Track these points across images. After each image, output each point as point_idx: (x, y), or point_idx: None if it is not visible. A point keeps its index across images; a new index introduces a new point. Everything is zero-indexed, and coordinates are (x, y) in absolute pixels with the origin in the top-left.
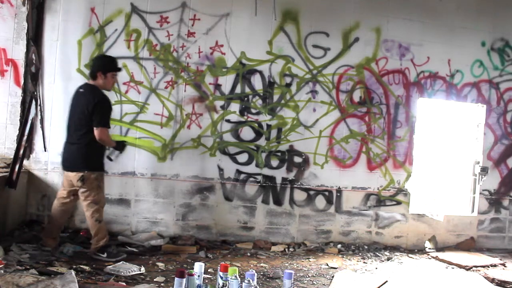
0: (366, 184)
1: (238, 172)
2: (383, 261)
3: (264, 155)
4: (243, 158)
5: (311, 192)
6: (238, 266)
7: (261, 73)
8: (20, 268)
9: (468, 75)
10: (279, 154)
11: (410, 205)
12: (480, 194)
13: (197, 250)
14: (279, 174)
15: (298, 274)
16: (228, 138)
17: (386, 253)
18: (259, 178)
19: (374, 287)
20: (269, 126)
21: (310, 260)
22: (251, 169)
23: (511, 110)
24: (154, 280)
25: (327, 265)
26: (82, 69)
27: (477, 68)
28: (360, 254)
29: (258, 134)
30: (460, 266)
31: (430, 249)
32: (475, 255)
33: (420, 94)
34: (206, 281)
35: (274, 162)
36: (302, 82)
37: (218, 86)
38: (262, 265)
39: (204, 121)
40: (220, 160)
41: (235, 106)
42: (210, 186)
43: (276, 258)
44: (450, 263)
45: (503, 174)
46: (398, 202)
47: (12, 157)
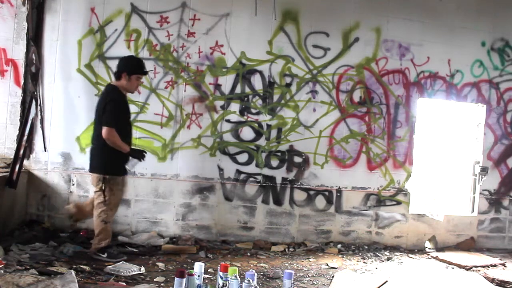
0: (366, 184)
1: (238, 172)
2: (383, 261)
3: (264, 155)
4: (243, 158)
5: (311, 192)
6: (238, 266)
7: (261, 73)
8: (20, 268)
9: (468, 75)
10: (279, 154)
11: (410, 205)
12: (480, 194)
13: (197, 250)
14: (279, 174)
15: (298, 274)
16: (228, 138)
17: (386, 253)
18: (259, 178)
19: (374, 287)
20: (269, 126)
21: (310, 260)
22: (251, 169)
23: (511, 110)
24: (154, 280)
25: (327, 265)
26: (82, 69)
27: (477, 68)
28: (360, 254)
29: (258, 134)
30: (460, 266)
31: (430, 249)
32: (475, 255)
33: (420, 94)
34: (206, 281)
35: (274, 162)
36: (302, 82)
37: (218, 86)
38: (262, 265)
39: (204, 121)
40: (220, 160)
41: (235, 106)
42: (210, 186)
43: (276, 258)
44: (450, 263)
45: (503, 174)
46: (398, 202)
47: (12, 157)
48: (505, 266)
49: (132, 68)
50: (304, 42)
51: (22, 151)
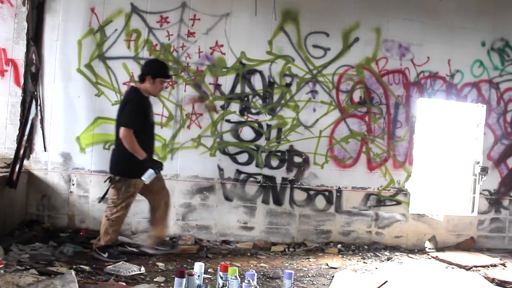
0: (366, 184)
1: (238, 172)
2: (383, 261)
3: (264, 155)
4: (243, 158)
5: (311, 192)
6: (238, 266)
7: (261, 73)
8: (20, 268)
9: (468, 75)
10: (279, 154)
11: (410, 205)
12: (480, 194)
13: (197, 250)
14: (279, 174)
15: (298, 274)
16: (228, 138)
17: (386, 253)
18: (259, 178)
19: (374, 287)
20: (269, 126)
21: (310, 260)
22: (251, 169)
23: (511, 110)
24: (154, 280)
25: (327, 265)
26: (82, 69)
27: (477, 68)
28: (360, 254)
29: (258, 134)
30: (460, 266)
31: (430, 249)
32: (475, 255)
33: (420, 94)
34: (206, 281)
35: (274, 162)
36: (302, 82)
37: (218, 86)
38: (262, 265)
39: (204, 121)
40: (220, 160)
41: (235, 106)
42: (210, 186)
43: (276, 258)
44: (450, 263)
45: (503, 174)
46: (398, 202)
47: (12, 157)
48: (505, 266)
49: (156, 71)
50: (304, 42)
51: (22, 151)
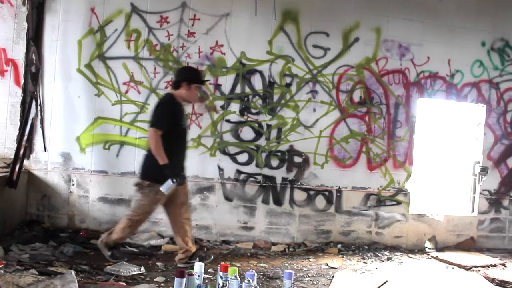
0: (366, 184)
1: (238, 172)
2: (383, 261)
3: (264, 155)
4: (243, 158)
5: (311, 192)
6: (238, 266)
7: (261, 73)
8: (20, 268)
9: (468, 75)
10: (279, 154)
11: (410, 205)
12: (480, 194)
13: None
14: (279, 174)
15: (298, 274)
16: (228, 138)
17: (386, 253)
18: (259, 178)
19: (374, 287)
20: (269, 126)
21: (310, 260)
22: (251, 169)
23: (511, 110)
24: (154, 280)
25: (327, 265)
26: (82, 69)
27: (477, 68)
28: (360, 254)
29: (258, 134)
30: (460, 266)
31: (430, 249)
32: (475, 255)
33: (420, 94)
34: (206, 281)
35: (274, 162)
36: (302, 82)
37: (218, 86)
38: (262, 265)
39: (204, 121)
40: (220, 160)
41: (235, 106)
42: (210, 186)
43: (276, 258)
44: (450, 263)
45: (503, 174)
46: (398, 202)
47: (12, 157)
48: (505, 266)
49: (192, 77)
50: (304, 42)
51: (22, 151)
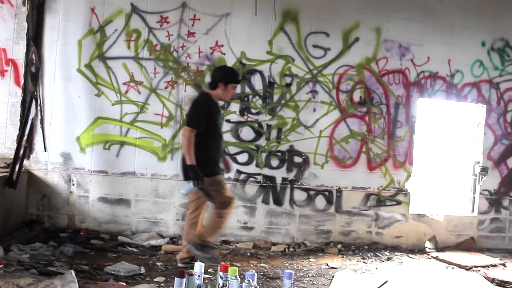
0: (366, 184)
1: (238, 172)
2: (383, 261)
3: (264, 155)
4: (243, 158)
5: (311, 192)
6: (238, 266)
7: (261, 73)
8: (20, 268)
9: (468, 75)
10: (279, 154)
11: (410, 205)
12: (480, 194)
13: None
14: (279, 174)
15: (298, 274)
16: (228, 138)
17: (386, 253)
18: (259, 178)
19: (374, 287)
20: (269, 126)
21: (310, 260)
22: (251, 169)
23: (511, 110)
24: (154, 280)
25: (327, 265)
26: (82, 69)
27: (477, 68)
28: (360, 254)
29: (258, 134)
30: (460, 266)
31: (430, 249)
32: (475, 255)
33: (420, 94)
34: (206, 281)
35: (274, 162)
36: (302, 82)
37: None
38: (262, 265)
39: None
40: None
41: (235, 106)
42: None
43: (276, 258)
44: (450, 263)
45: (503, 174)
46: (398, 202)
47: (12, 157)
48: (505, 266)
49: (229, 77)
50: (304, 42)
51: (22, 151)
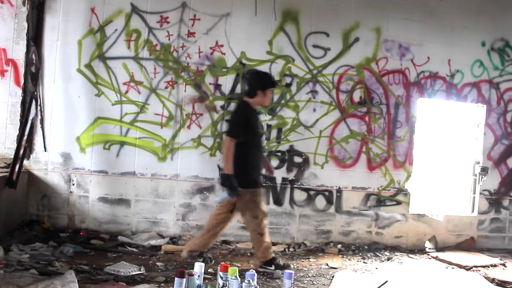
0: (366, 184)
1: None
2: (383, 261)
3: (264, 155)
4: None
5: (311, 192)
6: (238, 266)
7: None
8: (20, 268)
9: (468, 75)
10: (279, 154)
11: (410, 205)
12: (480, 194)
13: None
14: (279, 174)
15: (298, 274)
16: None
17: (386, 253)
18: None
19: (374, 287)
20: (269, 126)
21: (310, 260)
22: None
23: (511, 110)
24: (154, 280)
25: (327, 265)
26: (82, 69)
27: (477, 68)
28: (360, 254)
29: None
30: (460, 266)
31: (430, 249)
32: (475, 255)
33: (420, 94)
34: (206, 281)
35: (274, 162)
36: (302, 82)
37: (218, 86)
38: None
39: (204, 121)
40: (220, 160)
41: None
42: (210, 186)
43: None
44: (450, 263)
45: (503, 174)
46: (398, 202)
47: (12, 157)
48: (505, 266)
49: (266, 83)
50: (304, 42)
51: (22, 151)
